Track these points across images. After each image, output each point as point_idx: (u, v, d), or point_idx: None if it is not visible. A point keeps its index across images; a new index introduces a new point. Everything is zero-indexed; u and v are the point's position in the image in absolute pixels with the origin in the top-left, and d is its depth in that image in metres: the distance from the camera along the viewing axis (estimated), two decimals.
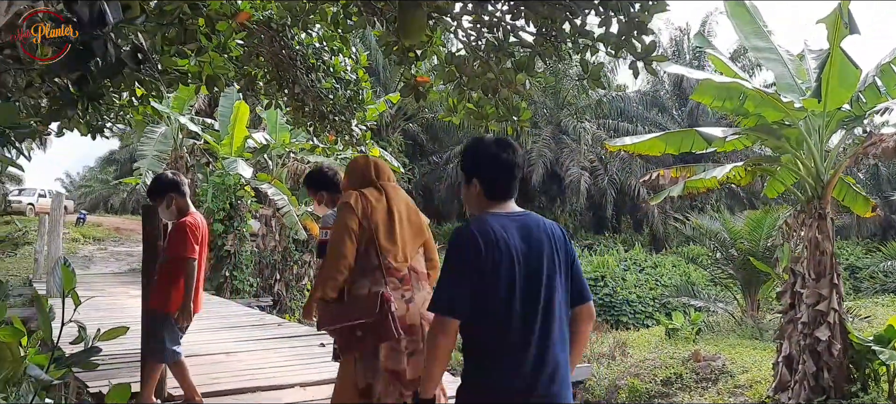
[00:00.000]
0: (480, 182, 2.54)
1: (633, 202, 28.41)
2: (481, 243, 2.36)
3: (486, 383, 2.42)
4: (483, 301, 2.38)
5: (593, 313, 2.66)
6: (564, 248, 2.53)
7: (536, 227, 2.50)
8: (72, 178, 59.73)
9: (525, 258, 2.41)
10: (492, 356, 2.42)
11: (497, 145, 2.58)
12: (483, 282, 2.36)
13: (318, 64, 5.58)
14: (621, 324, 16.62)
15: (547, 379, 2.40)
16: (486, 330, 2.42)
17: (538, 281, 2.42)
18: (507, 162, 2.54)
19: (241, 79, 6.06)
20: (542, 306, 2.41)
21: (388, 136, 23.77)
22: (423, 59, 4.41)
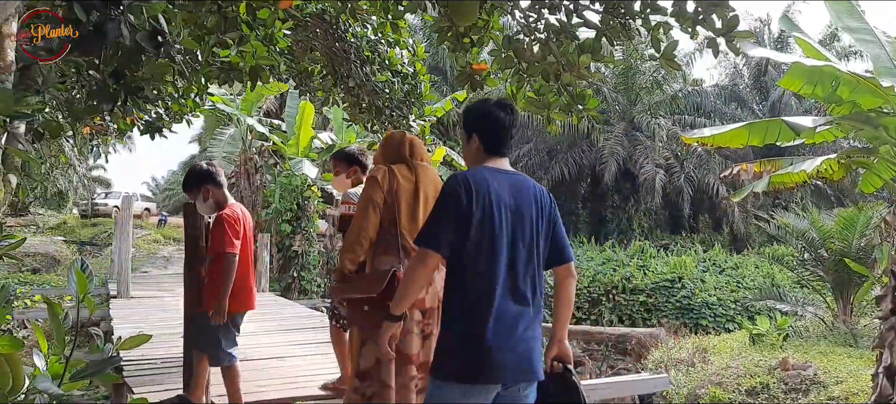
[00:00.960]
0: (480, 138, 2.73)
1: (711, 200, 27.27)
2: (473, 191, 2.52)
3: (466, 328, 2.52)
4: (469, 246, 2.51)
5: (574, 271, 2.79)
6: (549, 211, 2.69)
7: (526, 187, 2.68)
8: (157, 182, 62.29)
9: (512, 212, 2.57)
10: (472, 301, 2.52)
11: (498, 106, 2.79)
12: (469, 227, 2.50)
13: (373, 57, 5.34)
14: (700, 328, 15.85)
15: (520, 329, 2.51)
16: (470, 275, 2.53)
17: (523, 235, 2.57)
18: (505, 120, 2.74)
19: (297, 74, 5.89)
20: (524, 263, 2.55)
21: (455, 135, 23.50)
22: (480, 46, 4.09)
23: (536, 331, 2.60)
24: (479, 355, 2.47)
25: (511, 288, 2.53)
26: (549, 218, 2.68)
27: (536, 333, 2.60)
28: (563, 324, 2.77)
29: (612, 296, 17.78)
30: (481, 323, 2.47)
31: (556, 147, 27.30)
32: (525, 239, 2.57)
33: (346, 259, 3.27)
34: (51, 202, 37.34)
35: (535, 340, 2.58)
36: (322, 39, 5.35)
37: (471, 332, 2.50)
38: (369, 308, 3.19)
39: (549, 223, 2.68)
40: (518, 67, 3.88)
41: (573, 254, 2.82)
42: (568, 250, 2.76)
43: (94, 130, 5.22)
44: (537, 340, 2.60)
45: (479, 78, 4.09)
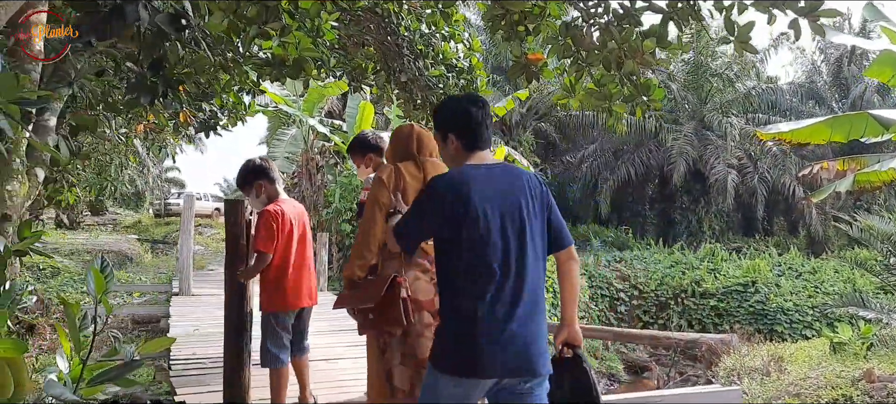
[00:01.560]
0: (456, 136, 2.69)
1: (786, 201, 26.07)
2: (456, 191, 2.52)
3: (459, 327, 2.49)
4: (456, 245, 2.51)
5: (574, 254, 2.70)
6: (541, 197, 2.62)
7: (513, 177, 2.63)
8: (228, 183, 63.96)
9: (500, 205, 2.52)
10: (463, 299, 2.49)
11: (468, 100, 2.76)
12: (457, 227, 2.50)
13: (426, 51, 5.15)
14: (775, 335, 15.09)
15: (515, 323, 2.45)
16: (459, 273, 2.51)
17: (513, 227, 2.51)
18: (478, 115, 2.68)
19: (350, 71, 5.75)
20: (516, 254, 2.49)
21: (518, 136, 23.20)
22: (535, 34, 3.84)
23: (537, 325, 2.53)
24: (472, 353, 2.44)
25: (504, 282, 2.48)
26: (542, 204, 2.63)
27: (537, 326, 2.53)
28: (571, 306, 2.69)
29: (681, 299, 17.16)
30: (473, 322, 2.45)
31: (622, 147, 26.64)
32: (516, 230, 2.53)
33: (354, 264, 3.17)
34: (129, 201, 38.79)
35: (534, 334, 2.51)
36: (375, 34, 5.19)
37: (464, 331, 2.48)
38: (374, 316, 3.07)
39: (542, 210, 2.63)
40: (577, 56, 3.62)
41: (571, 237, 2.75)
42: (566, 234, 2.70)
43: (149, 128, 5.19)
44: (538, 334, 2.53)
45: (535, 69, 3.84)
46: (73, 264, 15.68)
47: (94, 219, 31.27)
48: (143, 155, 24.66)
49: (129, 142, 14.05)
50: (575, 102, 3.88)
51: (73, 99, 3.03)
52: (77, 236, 22.05)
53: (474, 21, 22.16)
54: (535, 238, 2.56)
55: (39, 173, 2.36)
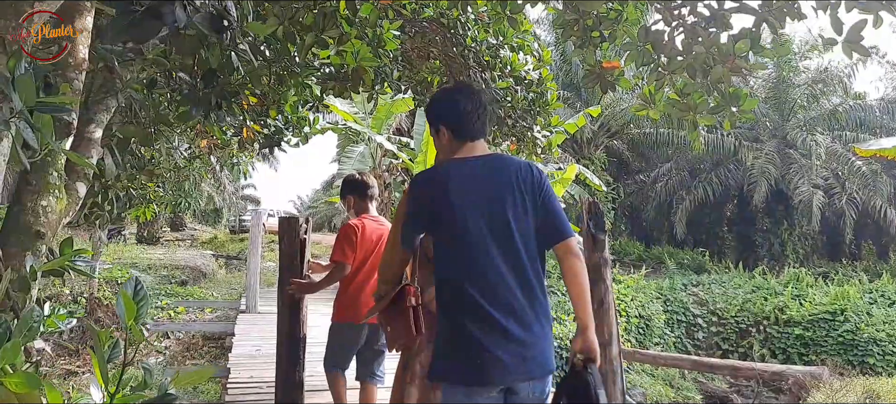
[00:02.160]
0: (447, 128, 2.61)
1: (877, 225, 24.59)
2: (433, 188, 2.51)
3: (453, 330, 2.43)
4: (439, 246, 2.51)
5: (574, 248, 2.49)
6: (534, 187, 2.49)
7: (501, 167, 2.52)
8: (302, 200, 65.33)
9: (484, 199, 2.44)
10: (454, 303, 2.44)
11: (457, 91, 2.77)
12: (436, 226, 2.50)
13: (493, 62, 4.91)
14: (867, 367, 14.10)
15: (513, 326, 2.36)
16: (445, 275, 2.48)
17: (500, 222, 2.42)
18: (467, 104, 2.60)
19: (415, 85, 5.57)
20: (506, 247, 2.41)
21: (589, 154, 22.67)
22: (611, 41, 3.55)
23: (536, 328, 2.42)
24: (470, 357, 2.37)
25: (495, 281, 2.39)
26: (534, 194, 2.49)
27: (538, 325, 2.43)
28: (582, 310, 2.46)
29: (763, 327, 16.26)
30: (467, 325, 2.38)
31: (698, 166, 25.75)
32: (503, 225, 2.43)
33: (380, 279, 3.03)
34: (208, 218, 39.97)
35: (536, 334, 2.42)
36: (440, 45, 4.99)
37: (458, 335, 2.41)
38: (390, 328, 2.93)
39: (535, 200, 2.49)
40: (657, 63, 3.30)
41: (571, 229, 2.56)
42: (563, 226, 2.51)
43: (214, 145, 5.13)
44: (540, 334, 2.43)
45: (611, 78, 3.55)
46: (151, 279, 16.07)
47: (174, 235, 32.28)
48: (219, 172, 25.30)
49: (205, 159, 14.38)
50: (655, 114, 3.56)
51: (127, 111, 2.93)
52: (155, 251, 22.73)
53: (544, 38, 21.82)
54: (525, 234, 2.45)
55: (80, 188, 2.22)
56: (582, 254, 2.57)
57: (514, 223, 2.43)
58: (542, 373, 2.44)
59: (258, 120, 5.67)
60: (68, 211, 2.13)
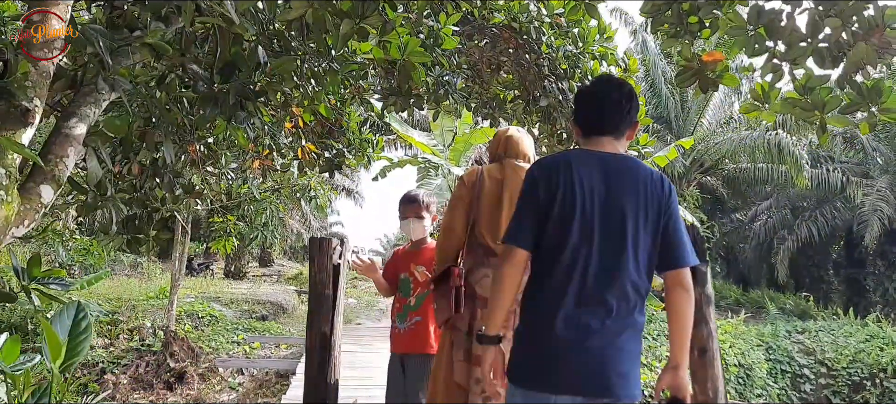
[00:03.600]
0: (575, 120, 2.51)
1: None
2: (549, 176, 2.30)
3: (530, 329, 2.30)
4: (544, 238, 2.28)
5: (687, 281, 2.28)
6: (660, 202, 2.30)
7: (629, 170, 2.31)
8: (388, 238, 65.78)
9: (601, 199, 2.26)
10: (540, 300, 2.29)
11: (596, 81, 2.60)
12: (546, 217, 2.28)
13: (572, 71, 4.34)
14: None
15: (597, 336, 2.18)
16: (541, 270, 2.31)
17: (612, 227, 2.24)
18: (601, 92, 2.44)
19: (486, 103, 5.06)
20: (609, 258, 2.22)
21: (681, 190, 21.46)
22: (713, 30, 2.92)
23: (622, 342, 2.22)
24: (540, 360, 2.25)
25: (588, 287, 2.22)
26: (659, 209, 2.29)
27: (621, 344, 2.22)
28: (678, 347, 2.27)
29: (880, 381, 14.73)
30: (545, 326, 2.24)
31: (801, 203, 24.08)
32: (615, 231, 2.24)
33: (435, 261, 3.14)
34: (297, 254, 40.57)
35: (615, 351, 2.20)
36: (512, 55, 4.46)
37: (534, 335, 2.29)
38: (437, 307, 3.14)
39: (658, 216, 2.29)
40: (773, 52, 2.66)
41: (693, 258, 2.32)
42: (682, 253, 2.30)
43: (267, 165, 4.76)
44: (621, 352, 2.21)
45: (712, 74, 2.92)
46: (231, 313, 16.08)
47: (262, 271, 32.78)
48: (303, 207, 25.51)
49: (285, 192, 14.37)
50: (769, 116, 2.88)
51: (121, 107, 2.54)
52: (241, 286, 22.95)
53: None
54: (638, 245, 2.25)
55: (46, 192, 1.79)
56: (693, 290, 2.32)
57: (629, 228, 2.24)
58: (620, 394, 2.21)
59: (318, 141, 5.30)
60: (23, 219, 1.70)
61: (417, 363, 3.81)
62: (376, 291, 17.48)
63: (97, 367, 11.40)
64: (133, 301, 14.87)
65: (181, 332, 12.69)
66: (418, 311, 3.78)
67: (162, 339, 11.75)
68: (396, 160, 14.36)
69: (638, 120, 2.55)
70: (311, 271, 3.31)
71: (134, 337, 12.51)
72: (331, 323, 3.31)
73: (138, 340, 12.45)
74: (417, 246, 4.05)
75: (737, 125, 22.95)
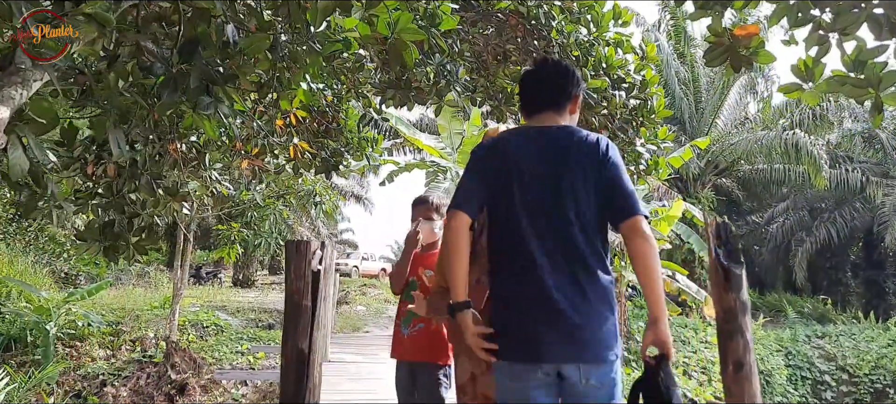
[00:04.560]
0: (520, 104, 2.61)
1: None
2: (485, 151, 2.45)
3: (499, 303, 2.37)
4: (492, 213, 2.40)
5: (641, 228, 2.25)
6: (598, 159, 2.33)
7: (564, 137, 2.39)
8: (399, 245, 65.58)
9: (541, 168, 2.33)
10: (503, 274, 2.37)
11: (536, 64, 2.69)
12: (491, 192, 2.37)
13: (584, 58, 3.99)
14: None
15: (562, 303, 2.22)
16: (496, 245, 2.40)
17: (557, 193, 2.30)
18: (537, 74, 2.57)
19: (493, 96, 4.72)
20: (561, 221, 2.28)
21: (696, 191, 20.99)
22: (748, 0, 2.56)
23: (592, 305, 2.25)
24: (514, 331, 2.29)
25: (547, 254, 2.27)
26: (598, 167, 2.33)
27: (591, 307, 2.24)
28: (653, 302, 2.24)
29: None
30: (512, 298, 2.32)
31: (819, 205, 23.56)
32: (556, 197, 2.30)
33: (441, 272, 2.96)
34: None
35: (587, 314, 2.23)
36: (520, 43, 4.12)
37: (504, 307, 2.35)
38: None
39: (598, 173, 2.32)
40: (818, 22, 2.30)
41: (641, 208, 2.31)
42: (631, 203, 2.30)
43: (257, 166, 4.43)
44: (593, 315, 2.24)
45: (746, 50, 2.56)
46: (237, 322, 15.80)
47: (271, 278, 32.51)
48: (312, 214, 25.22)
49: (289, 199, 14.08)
50: (811, 97, 2.51)
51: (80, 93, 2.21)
52: (249, 294, 22.69)
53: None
54: (580, 206, 2.29)
55: None
56: (651, 235, 2.28)
57: (575, 191, 2.29)
58: (595, 358, 2.23)
59: (314, 140, 4.97)
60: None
61: (429, 373, 3.63)
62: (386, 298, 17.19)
63: (97, 379, 11.13)
64: (137, 310, 14.59)
65: (184, 343, 12.40)
66: (423, 317, 3.54)
67: (163, 350, 11.45)
68: (404, 164, 14.02)
69: (579, 93, 2.57)
70: (286, 278, 2.95)
71: (136, 348, 12.22)
72: (309, 339, 2.93)
73: (140, 351, 12.16)
74: (427, 249, 3.81)
75: (752, 125, 22.50)
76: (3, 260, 13.68)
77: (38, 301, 12.20)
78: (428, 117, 20.57)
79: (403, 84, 4.25)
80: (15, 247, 14.62)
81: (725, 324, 2.46)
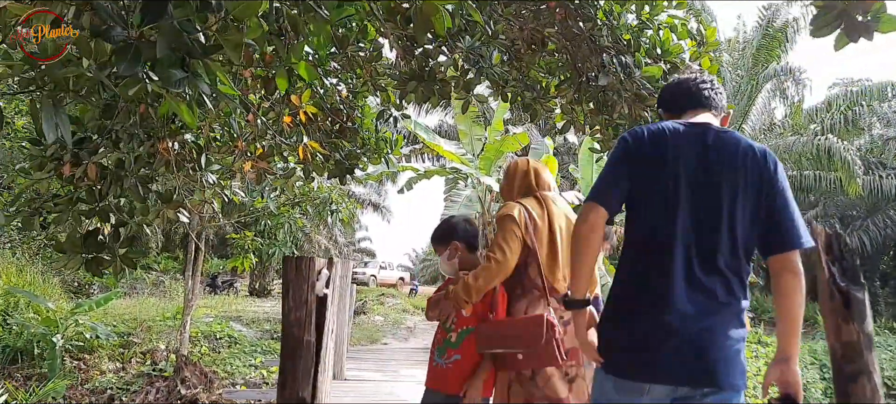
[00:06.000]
0: (662, 104, 2.43)
1: None
2: (633, 148, 2.15)
3: (619, 313, 2.14)
4: (631, 213, 2.17)
5: (794, 266, 2.02)
6: (761, 178, 2.06)
7: (727, 143, 2.09)
8: (417, 253, 65.17)
9: (695, 172, 2.06)
10: (630, 281, 2.13)
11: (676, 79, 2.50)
12: (633, 189, 2.13)
13: (636, 43, 3.47)
14: None
15: (693, 319, 1.97)
16: (630, 247, 2.16)
17: (708, 204, 2.05)
18: (688, 79, 2.38)
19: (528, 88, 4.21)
20: (706, 234, 2.04)
21: None
22: None
23: (723, 329, 2.00)
24: (634, 346, 2.05)
25: (684, 269, 2.02)
26: (761, 186, 2.05)
27: (722, 330, 1.99)
28: (787, 338, 2.03)
29: None
30: (636, 311, 2.08)
31: (850, 212, 22.75)
32: (712, 209, 2.04)
33: (473, 292, 2.99)
34: None
35: (716, 337, 1.98)
36: (559, 26, 3.59)
37: (623, 319, 2.11)
38: (524, 356, 2.93)
39: (760, 193, 2.05)
40: None
41: (806, 240, 2.02)
42: (792, 235, 2.02)
43: (257, 167, 3.94)
44: (723, 338, 1.98)
45: (866, 16, 2.02)
46: (251, 333, 15.36)
47: None
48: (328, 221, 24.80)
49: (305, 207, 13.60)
50: None
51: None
52: (264, 304, 22.27)
53: None
54: (734, 223, 2.04)
55: None
56: (802, 270, 2.05)
57: (732, 207, 2.05)
58: (720, 385, 2.00)
59: (328, 141, 4.48)
60: None
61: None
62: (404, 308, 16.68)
63: (105, 394, 10.71)
64: (149, 321, 14.18)
65: (195, 356, 11.95)
66: (458, 349, 3.28)
67: (174, 364, 11.01)
68: (423, 171, 13.49)
69: (729, 112, 2.40)
70: (283, 306, 2.40)
71: (147, 361, 11.80)
72: (312, 384, 2.37)
73: (151, 364, 11.74)
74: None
75: (781, 131, 21.81)
76: (11, 269, 13.31)
77: (46, 312, 11.80)
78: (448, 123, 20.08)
79: (427, 75, 3.75)
80: (23, 256, 14.28)
81: (846, 364, 1.93)
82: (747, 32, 23.81)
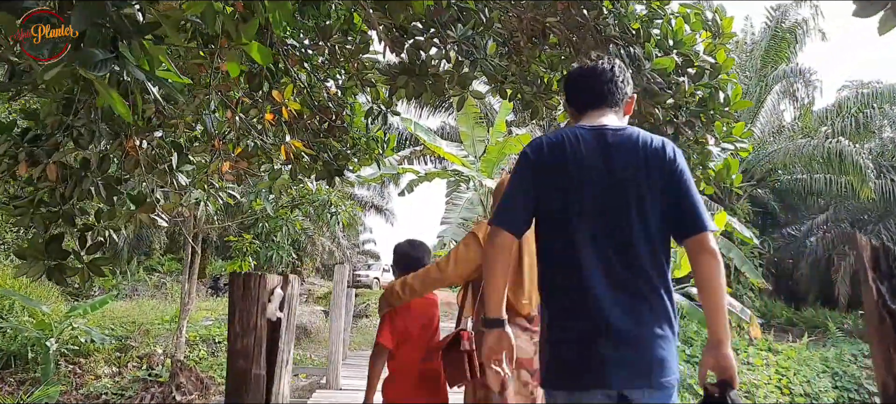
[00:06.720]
0: (569, 100, 2.44)
1: None
2: (534, 160, 2.17)
3: (553, 323, 2.14)
4: (542, 223, 2.18)
5: (709, 244, 2.04)
6: (663, 168, 2.10)
7: (627, 140, 2.15)
8: None
9: (599, 173, 2.10)
10: (555, 290, 2.15)
11: (582, 65, 2.51)
12: (540, 199, 2.15)
13: (646, 33, 3.18)
14: None
15: (619, 320, 2.01)
16: (548, 257, 2.19)
17: (617, 201, 2.08)
18: (592, 70, 2.35)
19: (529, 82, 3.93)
20: (622, 232, 2.07)
21: (731, 203, 19.95)
22: None
23: (652, 325, 2.02)
24: (571, 354, 2.06)
25: (603, 269, 2.04)
26: (664, 176, 2.09)
27: (651, 326, 2.02)
28: (716, 323, 2.01)
29: None
30: (568, 317, 2.09)
31: (861, 216, 22.36)
32: (621, 209, 2.07)
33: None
34: (329, 273, 39.73)
35: (647, 335, 2.01)
36: (561, 15, 3.31)
37: (559, 328, 2.11)
38: (448, 369, 2.99)
39: (665, 183, 2.09)
40: None
41: (711, 223, 2.06)
42: (699, 218, 2.06)
43: (235, 168, 3.67)
44: (653, 336, 2.01)
45: None
46: None
47: None
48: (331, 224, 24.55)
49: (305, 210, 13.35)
50: None
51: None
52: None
53: None
54: (646, 218, 2.07)
55: None
56: (718, 251, 2.05)
57: (639, 201, 2.06)
58: (657, 382, 1.99)
59: (315, 141, 4.22)
60: None
61: None
62: None
63: (99, 399, 10.48)
64: (147, 324, 13.92)
65: (192, 361, 11.71)
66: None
67: (169, 369, 10.76)
68: (424, 173, 13.22)
69: (634, 94, 2.43)
70: (229, 332, 2.07)
71: (143, 366, 11.56)
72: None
73: (147, 368, 11.50)
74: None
75: (791, 134, 21.46)
76: (7, 272, 13.07)
77: (40, 315, 11.57)
78: (450, 125, 19.79)
79: (418, 69, 3.48)
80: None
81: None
82: (755, 34, 23.48)
